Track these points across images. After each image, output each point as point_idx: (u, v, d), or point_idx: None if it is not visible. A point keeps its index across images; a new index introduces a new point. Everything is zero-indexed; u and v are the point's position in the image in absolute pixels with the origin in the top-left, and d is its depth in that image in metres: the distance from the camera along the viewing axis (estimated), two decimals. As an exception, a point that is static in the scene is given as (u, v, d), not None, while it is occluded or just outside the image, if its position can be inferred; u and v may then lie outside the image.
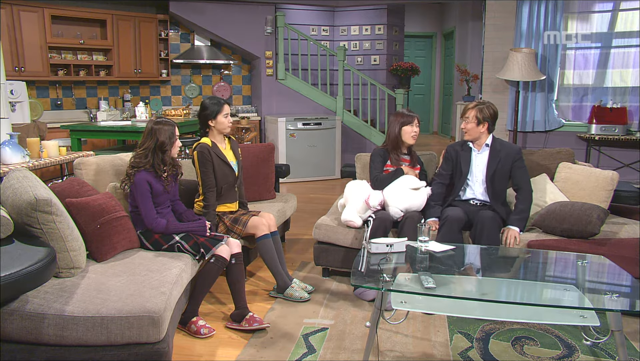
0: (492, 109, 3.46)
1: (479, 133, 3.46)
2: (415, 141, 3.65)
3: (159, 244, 2.97)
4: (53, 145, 4.36)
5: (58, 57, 6.85)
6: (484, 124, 3.44)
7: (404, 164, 3.64)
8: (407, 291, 2.36)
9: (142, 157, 2.99)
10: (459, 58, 10.02)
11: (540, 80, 5.90)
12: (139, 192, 2.95)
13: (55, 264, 2.32)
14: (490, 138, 3.52)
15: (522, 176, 3.44)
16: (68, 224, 2.46)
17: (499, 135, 6.14)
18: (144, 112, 6.59)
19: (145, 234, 3.00)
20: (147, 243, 2.99)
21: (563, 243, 3.12)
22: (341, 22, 9.05)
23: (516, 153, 3.46)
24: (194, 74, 8.25)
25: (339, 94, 7.76)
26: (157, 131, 3.00)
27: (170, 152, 3.06)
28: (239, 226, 3.33)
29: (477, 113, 3.42)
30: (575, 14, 5.91)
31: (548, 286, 2.55)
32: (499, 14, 6.09)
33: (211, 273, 2.92)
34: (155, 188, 2.99)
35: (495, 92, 6.21)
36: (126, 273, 2.55)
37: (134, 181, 2.96)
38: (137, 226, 3.03)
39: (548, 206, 3.43)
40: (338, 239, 3.52)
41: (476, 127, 3.44)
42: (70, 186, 2.96)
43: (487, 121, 3.44)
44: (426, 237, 2.82)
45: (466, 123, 3.48)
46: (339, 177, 7.40)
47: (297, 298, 3.27)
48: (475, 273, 2.73)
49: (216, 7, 7.50)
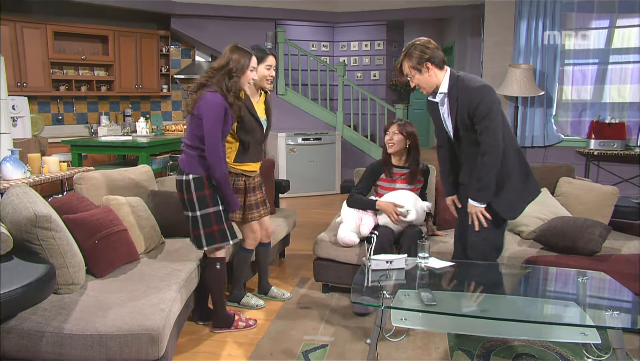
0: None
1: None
2: (393, 150, 3.50)
3: (203, 204, 2.73)
4: (54, 161, 4.37)
5: (60, 72, 6.91)
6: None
7: (399, 178, 3.58)
8: (407, 308, 2.35)
9: (209, 76, 2.74)
10: (458, 73, 10.08)
11: (538, 95, 5.94)
12: (213, 115, 2.62)
13: (55, 281, 2.31)
14: (445, 81, 2.65)
15: (480, 134, 2.58)
16: (67, 240, 2.45)
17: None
18: (144, 127, 6.62)
19: (197, 182, 2.71)
20: (191, 193, 2.71)
21: (563, 259, 3.12)
22: (341, 38, 9.14)
23: (472, 100, 2.56)
24: (193, 89, 8.30)
25: (338, 109, 7.80)
26: (230, 57, 2.75)
27: (239, 82, 2.78)
28: (251, 213, 3.22)
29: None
30: (572, 31, 5.97)
31: (549, 303, 2.53)
32: (498, 30, 6.16)
33: (222, 278, 2.99)
34: (228, 115, 2.70)
35: (494, 108, 6.26)
36: (125, 290, 2.54)
37: (209, 100, 2.64)
38: (190, 167, 2.72)
39: (550, 221, 3.43)
40: (338, 255, 3.51)
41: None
42: (69, 201, 2.96)
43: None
44: (426, 253, 2.82)
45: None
46: (339, 192, 7.40)
47: (253, 305, 3.37)
48: (476, 289, 2.71)
49: (217, 23, 7.58)
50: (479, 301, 2.50)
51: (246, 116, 3.09)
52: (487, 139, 2.56)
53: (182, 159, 2.84)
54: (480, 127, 2.56)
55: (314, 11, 7.97)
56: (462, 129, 2.68)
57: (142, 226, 3.16)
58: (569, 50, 6.01)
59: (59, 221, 2.47)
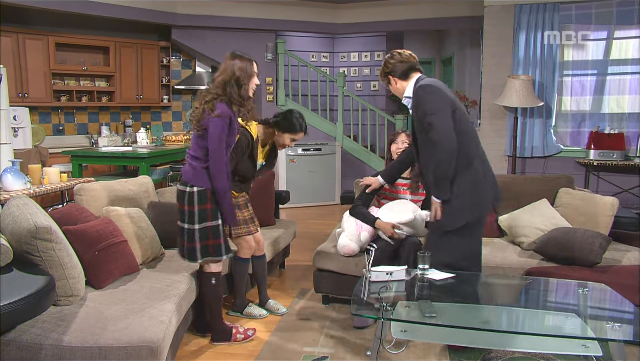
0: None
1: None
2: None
3: (203, 217, 2.74)
4: (54, 172, 4.38)
5: (61, 83, 6.94)
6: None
7: (402, 189, 3.61)
8: (407, 320, 2.34)
9: (218, 89, 2.73)
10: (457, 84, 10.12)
11: (538, 106, 5.96)
12: (220, 129, 2.64)
13: (55, 293, 2.31)
14: (410, 87, 2.80)
15: (427, 132, 2.65)
16: (67, 252, 2.45)
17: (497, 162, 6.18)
18: (144, 137, 6.63)
19: (201, 195, 2.73)
20: (193, 205, 2.72)
21: (564, 270, 3.11)
22: (341, 49, 9.19)
23: (418, 99, 2.70)
24: (195, 100, 8.32)
25: (338, 120, 7.82)
26: (234, 66, 2.75)
27: (248, 89, 2.80)
28: (246, 227, 3.31)
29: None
30: (571, 42, 6.01)
31: (549, 314, 2.52)
32: (496, 42, 6.19)
33: (219, 293, 2.99)
34: (233, 126, 2.73)
35: (494, 118, 6.27)
36: (125, 302, 2.54)
37: (217, 112, 2.65)
38: (195, 179, 2.73)
39: (550, 232, 3.43)
40: (338, 267, 3.50)
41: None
42: (69, 212, 2.97)
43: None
44: (426, 265, 2.81)
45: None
46: (339, 202, 7.39)
47: (256, 315, 3.40)
48: (476, 300, 2.71)
49: (217, 34, 7.63)
50: (479, 313, 2.49)
51: (243, 151, 3.13)
52: (432, 135, 2.62)
53: (186, 171, 2.82)
54: (426, 125, 2.65)
55: (315, 22, 8.02)
56: (417, 130, 2.83)
57: (142, 237, 3.16)
58: (567, 62, 6.05)
59: (59, 232, 2.47)
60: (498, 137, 6.27)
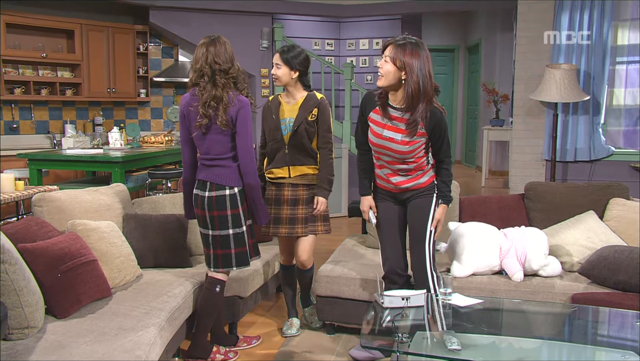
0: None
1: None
2: (381, 83, 3.35)
3: (236, 221, 3.02)
4: (8, 178, 4.36)
5: (15, 72, 6.92)
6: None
7: (394, 124, 3.50)
8: (427, 354, 2.33)
9: (239, 77, 3.01)
10: (485, 75, 10.15)
11: (583, 101, 5.94)
12: (248, 118, 2.95)
13: (6, 325, 2.30)
14: None
15: None
16: (24, 275, 2.45)
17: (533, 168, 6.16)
18: (118, 138, 6.64)
19: (241, 195, 3.04)
20: (237, 207, 3.02)
21: (617, 298, 3.08)
22: (348, 35, 9.22)
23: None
24: (177, 95, 8.37)
25: (345, 118, 7.84)
26: (227, 51, 3.01)
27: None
28: (276, 228, 3.47)
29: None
30: (627, 22, 5.93)
31: (601, 351, 2.50)
32: (533, 24, 6.16)
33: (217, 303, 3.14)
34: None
35: (529, 116, 6.25)
36: (93, 333, 2.53)
37: (243, 104, 2.95)
38: (236, 180, 3.03)
39: (599, 251, 3.40)
40: (342, 291, 3.51)
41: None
42: (26, 227, 2.97)
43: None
44: (449, 288, 2.80)
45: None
46: (346, 214, 7.38)
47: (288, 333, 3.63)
48: (510, 332, 2.69)
49: (204, 17, 7.66)
50: (513, 347, 2.48)
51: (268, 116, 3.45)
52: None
53: (220, 174, 3.02)
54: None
55: (317, 4, 8.05)
56: None
57: (115, 255, 3.16)
58: (621, 46, 5.97)
59: (14, 251, 2.47)
60: (534, 138, 6.25)
